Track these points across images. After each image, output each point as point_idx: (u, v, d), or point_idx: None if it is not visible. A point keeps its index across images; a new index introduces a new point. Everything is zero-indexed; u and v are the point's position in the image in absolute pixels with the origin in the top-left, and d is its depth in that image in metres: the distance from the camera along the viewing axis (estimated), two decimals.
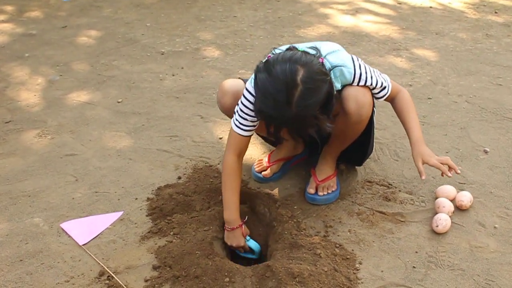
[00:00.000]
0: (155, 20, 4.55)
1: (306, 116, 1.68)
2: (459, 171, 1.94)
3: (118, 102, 3.11)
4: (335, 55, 1.92)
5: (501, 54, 3.65)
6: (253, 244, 2.02)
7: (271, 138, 1.90)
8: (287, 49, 1.78)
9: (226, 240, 2.01)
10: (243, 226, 2.01)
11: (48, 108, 3.07)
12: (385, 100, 2.07)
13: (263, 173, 2.33)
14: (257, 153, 2.54)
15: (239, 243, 1.99)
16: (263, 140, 2.61)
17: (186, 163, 2.49)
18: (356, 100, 1.93)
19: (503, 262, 1.87)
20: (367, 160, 2.42)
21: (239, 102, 1.95)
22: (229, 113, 2.11)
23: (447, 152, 2.50)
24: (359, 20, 4.40)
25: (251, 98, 1.88)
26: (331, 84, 1.77)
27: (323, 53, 1.86)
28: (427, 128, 2.72)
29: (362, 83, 1.93)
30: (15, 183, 2.39)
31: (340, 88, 1.95)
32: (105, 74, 3.52)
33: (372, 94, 2.01)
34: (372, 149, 2.31)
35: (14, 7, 5.00)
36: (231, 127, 1.99)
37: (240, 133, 1.97)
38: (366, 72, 1.94)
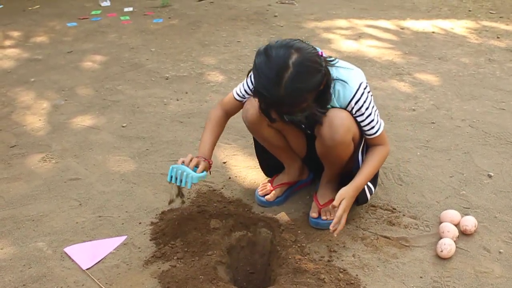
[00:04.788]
0: (160, 45, 4.59)
1: (295, 99, 1.75)
2: (335, 235, 1.92)
3: (123, 127, 3.13)
4: (347, 72, 1.95)
5: (503, 78, 3.67)
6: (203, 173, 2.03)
7: (264, 117, 1.92)
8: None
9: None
10: (210, 161, 2.11)
11: (53, 133, 3.09)
12: (369, 142, 2.07)
13: (266, 197, 2.33)
14: (261, 177, 2.54)
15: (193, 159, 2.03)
16: None
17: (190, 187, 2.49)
18: (330, 123, 1.94)
19: (509, 287, 1.86)
20: None
21: (249, 77, 2.11)
22: (254, 126, 2.17)
23: (451, 177, 2.50)
24: (362, 45, 4.44)
25: None
26: (327, 75, 1.82)
27: (338, 64, 1.94)
28: (431, 152, 2.72)
29: (356, 107, 1.94)
30: (19, 207, 2.40)
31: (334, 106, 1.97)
32: (109, 98, 3.54)
33: (360, 128, 2.01)
34: (366, 191, 2.16)
35: (20, 33, 5.06)
36: (231, 92, 2.20)
37: (235, 95, 2.18)
38: (365, 102, 1.94)
